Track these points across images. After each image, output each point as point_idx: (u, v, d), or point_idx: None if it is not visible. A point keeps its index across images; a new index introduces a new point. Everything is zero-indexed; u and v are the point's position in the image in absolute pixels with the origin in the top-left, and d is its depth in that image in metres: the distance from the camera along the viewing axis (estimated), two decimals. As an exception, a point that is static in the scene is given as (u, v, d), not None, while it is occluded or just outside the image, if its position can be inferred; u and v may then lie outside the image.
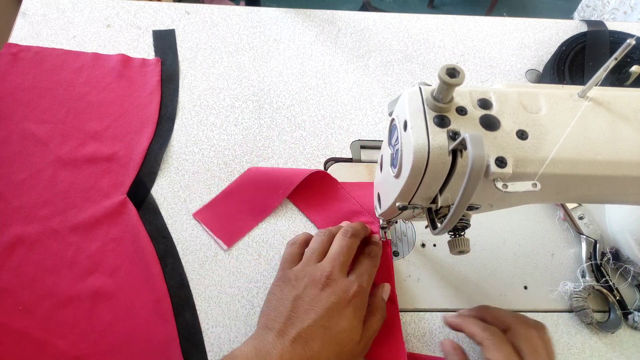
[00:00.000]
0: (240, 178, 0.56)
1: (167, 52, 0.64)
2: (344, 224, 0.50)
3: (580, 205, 0.54)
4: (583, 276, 0.51)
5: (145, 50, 0.65)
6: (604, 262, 0.51)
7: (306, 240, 0.48)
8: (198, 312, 0.48)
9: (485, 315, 0.45)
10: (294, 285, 0.42)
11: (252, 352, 0.38)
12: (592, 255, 0.52)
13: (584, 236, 0.53)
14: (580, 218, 0.53)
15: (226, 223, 0.53)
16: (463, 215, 0.37)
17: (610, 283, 0.50)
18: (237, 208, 0.54)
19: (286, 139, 0.59)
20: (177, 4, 0.69)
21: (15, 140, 0.56)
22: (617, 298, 0.49)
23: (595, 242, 0.52)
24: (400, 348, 0.46)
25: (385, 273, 0.49)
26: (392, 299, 0.48)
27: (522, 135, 0.33)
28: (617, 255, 0.51)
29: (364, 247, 0.48)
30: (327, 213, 0.54)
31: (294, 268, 0.44)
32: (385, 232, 0.51)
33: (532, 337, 0.42)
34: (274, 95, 0.63)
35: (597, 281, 0.50)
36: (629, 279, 0.50)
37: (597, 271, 0.51)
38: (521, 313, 0.46)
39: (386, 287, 0.48)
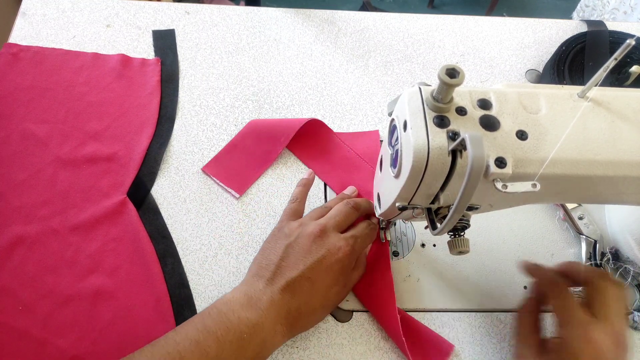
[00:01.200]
0: (243, 131, 0.59)
1: (167, 52, 0.64)
2: (350, 189, 0.53)
3: (580, 205, 0.54)
4: None
5: (145, 50, 0.65)
6: (604, 262, 0.51)
7: (305, 195, 0.50)
8: (198, 312, 0.48)
9: (565, 270, 0.44)
10: (288, 235, 0.44)
11: (243, 298, 0.40)
12: (592, 255, 0.52)
13: (584, 236, 0.53)
14: (580, 218, 0.53)
15: (234, 173, 0.56)
16: (463, 216, 0.37)
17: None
18: (243, 158, 0.57)
19: (286, 139, 0.59)
20: (177, 4, 0.69)
21: (15, 140, 0.56)
22: None
23: (595, 242, 0.52)
24: (391, 301, 0.47)
25: (384, 271, 0.49)
26: (385, 252, 0.50)
27: (522, 135, 0.33)
28: (617, 256, 0.51)
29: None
30: (325, 162, 0.57)
31: (291, 222, 0.46)
32: (385, 232, 0.51)
33: (607, 291, 0.40)
34: (274, 95, 0.63)
35: None
36: (629, 279, 0.50)
37: None
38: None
39: (350, 189, 0.52)
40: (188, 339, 0.37)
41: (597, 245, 0.52)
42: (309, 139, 0.58)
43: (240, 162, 0.57)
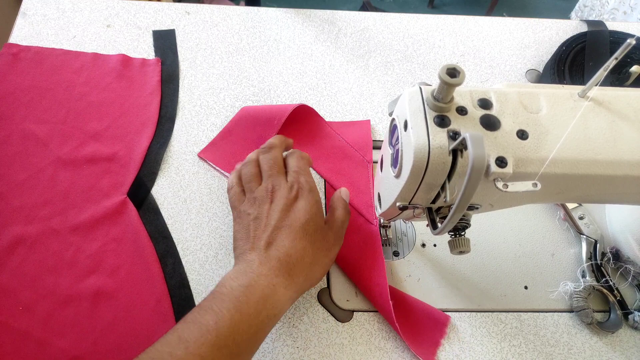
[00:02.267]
0: (236, 117, 0.60)
1: (167, 52, 0.64)
2: (344, 192, 0.52)
3: (580, 205, 0.54)
4: (583, 276, 0.51)
5: (145, 50, 0.65)
6: (604, 262, 0.51)
7: (239, 176, 0.49)
8: (198, 312, 0.48)
9: None
10: (248, 213, 0.45)
11: (234, 273, 0.40)
12: (592, 255, 0.52)
13: (584, 236, 0.53)
14: (581, 218, 0.53)
15: (230, 158, 0.57)
16: (463, 215, 0.37)
17: (611, 283, 0.50)
18: (238, 143, 0.58)
19: (286, 139, 0.59)
20: (177, 4, 0.69)
21: (16, 140, 0.56)
22: (618, 298, 0.49)
23: (596, 242, 0.52)
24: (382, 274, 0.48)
25: (372, 251, 0.49)
26: (372, 222, 0.51)
27: (522, 135, 0.34)
28: (617, 255, 0.51)
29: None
30: (315, 149, 0.58)
31: (242, 204, 0.46)
32: (385, 232, 0.51)
33: None
34: (274, 96, 0.63)
35: (598, 281, 0.50)
36: (629, 279, 0.50)
37: (598, 271, 0.51)
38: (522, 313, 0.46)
39: (343, 190, 0.50)
40: (186, 321, 0.37)
41: (598, 245, 0.52)
42: (300, 126, 0.59)
43: (236, 146, 0.58)
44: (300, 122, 0.59)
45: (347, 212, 0.48)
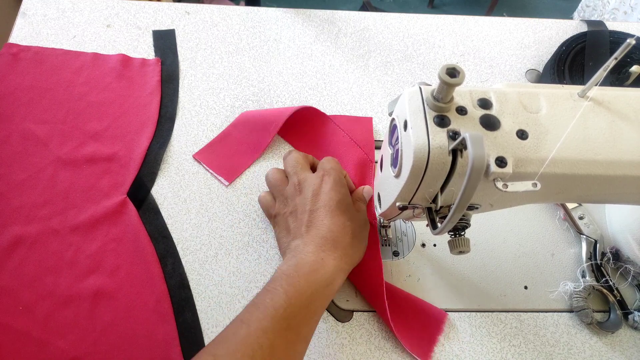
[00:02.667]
0: (235, 121, 0.59)
1: (167, 52, 0.64)
2: (367, 189, 0.53)
3: (580, 205, 0.54)
4: (583, 276, 0.51)
5: (145, 50, 0.65)
6: (604, 262, 0.51)
7: (270, 184, 0.52)
8: (198, 312, 0.48)
9: None
10: (283, 212, 0.48)
11: (285, 260, 0.43)
12: (592, 255, 0.52)
13: (584, 236, 0.53)
14: (580, 218, 0.53)
15: (225, 162, 0.57)
16: (463, 215, 0.37)
17: (611, 283, 0.50)
18: (234, 148, 0.58)
19: (286, 139, 0.59)
20: (177, 4, 0.69)
21: (16, 140, 0.56)
22: (618, 298, 0.49)
23: (596, 242, 0.52)
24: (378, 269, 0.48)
25: (370, 250, 0.49)
26: (372, 222, 0.51)
27: (522, 135, 0.34)
28: (617, 255, 0.51)
29: None
30: (319, 148, 0.58)
31: (275, 208, 0.49)
32: (385, 232, 0.51)
33: None
34: (274, 95, 0.63)
35: (597, 281, 0.50)
36: (629, 279, 0.50)
37: (597, 271, 0.51)
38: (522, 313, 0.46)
39: (366, 187, 0.52)
40: (246, 307, 0.39)
41: (598, 245, 0.52)
42: (304, 126, 0.59)
43: (231, 150, 0.58)
44: (303, 121, 0.59)
45: (366, 204, 0.51)
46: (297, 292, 0.39)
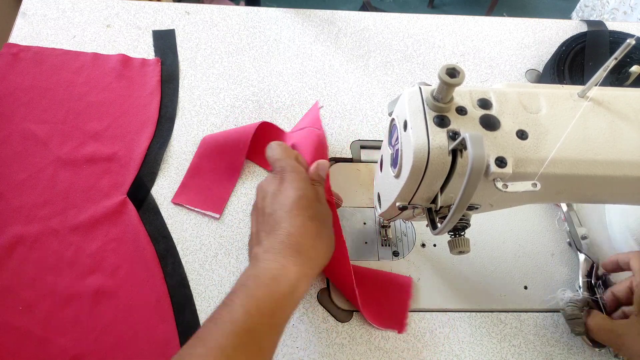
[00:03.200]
0: (199, 151, 0.57)
1: (167, 52, 0.64)
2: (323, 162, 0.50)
3: (582, 226, 0.53)
4: (580, 287, 0.50)
5: (145, 50, 0.65)
6: (596, 286, 0.49)
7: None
8: (198, 312, 0.48)
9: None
10: (253, 224, 0.45)
11: (246, 269, 0.40)
12: (588, 273, 0.50)
13: (583, 254, 0.51)
14: (584, 238, 0.52)
15: (206, 195, 0.55)
16: (463, 215, 0.37)
17: (601, 304, 0.48)
18: (210, 178, 0.56)
19: (286, 139, 0.59)
20: (177, 4, 0.69)
21: (15, 140, 0.56)
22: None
23: (593, 263, 0.50)
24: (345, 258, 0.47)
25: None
26: (329, 199, 0.48)
27: (522, 135, 0.34)
28: (606, 284, 0.49)
29: None
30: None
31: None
32: (385, 232, 0.51)
33: None
34: (274, 95, 0.63)
35: (591, 296, 0.49)
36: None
37: (591, 289, 0.49)
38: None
39: (320, 163, 0.47)
40: (203, 323, 0.37)
41: (594, 266, 0.50)
42: (264, 142, 0.54)
43: (207, 181, 0.55)
44: (263, 139, 0.56)
45: (320, 179, 0.46)
46: (257, 303, 0.37)
